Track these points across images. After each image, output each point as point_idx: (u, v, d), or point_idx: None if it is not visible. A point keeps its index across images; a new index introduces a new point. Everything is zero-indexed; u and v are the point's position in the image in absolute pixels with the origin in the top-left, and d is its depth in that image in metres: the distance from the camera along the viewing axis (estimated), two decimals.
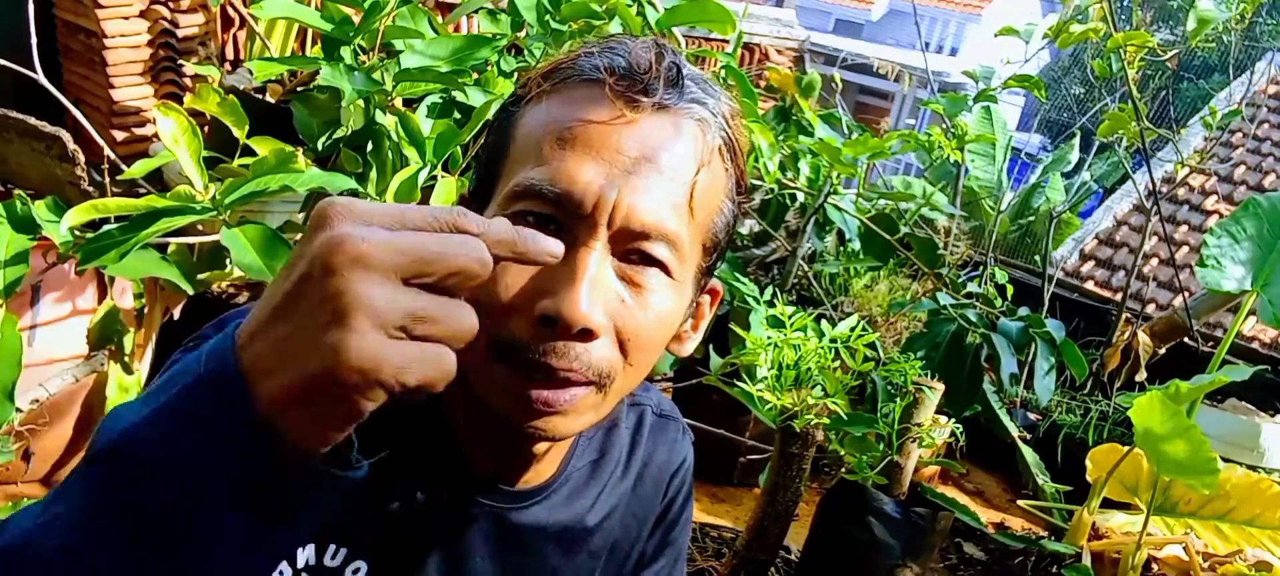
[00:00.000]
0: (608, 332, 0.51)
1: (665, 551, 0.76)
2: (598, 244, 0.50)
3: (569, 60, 0.54)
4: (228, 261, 1.53)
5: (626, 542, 0.71)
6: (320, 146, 1.61)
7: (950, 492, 2.40)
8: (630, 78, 0.52)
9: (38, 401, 1.64)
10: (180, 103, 2.04)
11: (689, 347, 0.59)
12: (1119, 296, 3.59)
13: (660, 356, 0.57)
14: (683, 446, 0.75)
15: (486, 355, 0.51)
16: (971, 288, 2.56)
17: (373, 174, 1.55)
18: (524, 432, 0.54)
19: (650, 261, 0.52)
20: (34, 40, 1.71)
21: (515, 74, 1.76)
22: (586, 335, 0.49)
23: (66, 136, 1.66)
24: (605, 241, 0.50)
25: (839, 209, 2.34)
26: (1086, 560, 2.04)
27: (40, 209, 1.36)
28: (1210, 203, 4.94)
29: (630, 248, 0.51)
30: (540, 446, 0.60)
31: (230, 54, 2.35)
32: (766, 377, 1.52)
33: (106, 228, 1.23)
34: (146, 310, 1.64)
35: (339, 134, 1.61)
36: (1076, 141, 4.84)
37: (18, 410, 1.57)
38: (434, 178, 1.44)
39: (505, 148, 0.54)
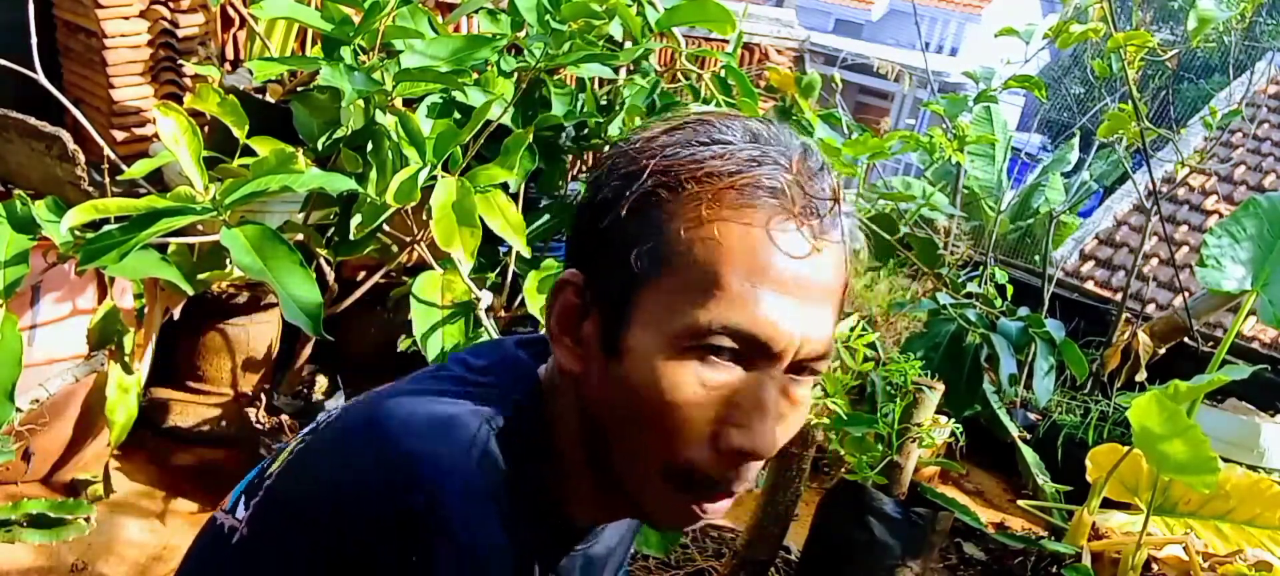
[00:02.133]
0: None
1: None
2: (779, 373, 0.51)
3: (740, 177, 0.50)
4: (228, 261, 1.53)
5: (621, 549, 0.74)
6: (320, 146, 1.61)
7: (950, 492, 2.40)
8: (811, 207, 0.51)
9: (38, 401, 1.64)
10: (180, 103, 2.04)
11: None
12: (1119, 296, 3.59)
13: None
14: None
15: (659, 479, 0.52)
16: (971, 288, 2.56)
17: (373, 174, 1.55)
18: (673, 530, 0.56)
19: (806, 371, 0.53)
20: (34, 40, 1.71)
21: (515, 74, 1.76)
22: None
23: (66, 136, 1.66)
24: (784, 369, 0.51)
25: None
26: (1086, 560, 2.04)
27: (40, 209, 1.36)
28: (1210, 203, 4.94)
29: (799, 365, 0.52)
30: None
31: (230, 54, 2.35)
32: None
33: (106, 228, 1.23)
34: (146, 310, 1.64)
35: (339, 134, 1.61)
36: (1076, 141, 4.84)
37: (18, 410, 1.57)
38: (434, 177, 1.44)
39: (664, 260, 0.50)
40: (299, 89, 1.85)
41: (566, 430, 0.57)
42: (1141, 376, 2.86)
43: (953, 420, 2.05)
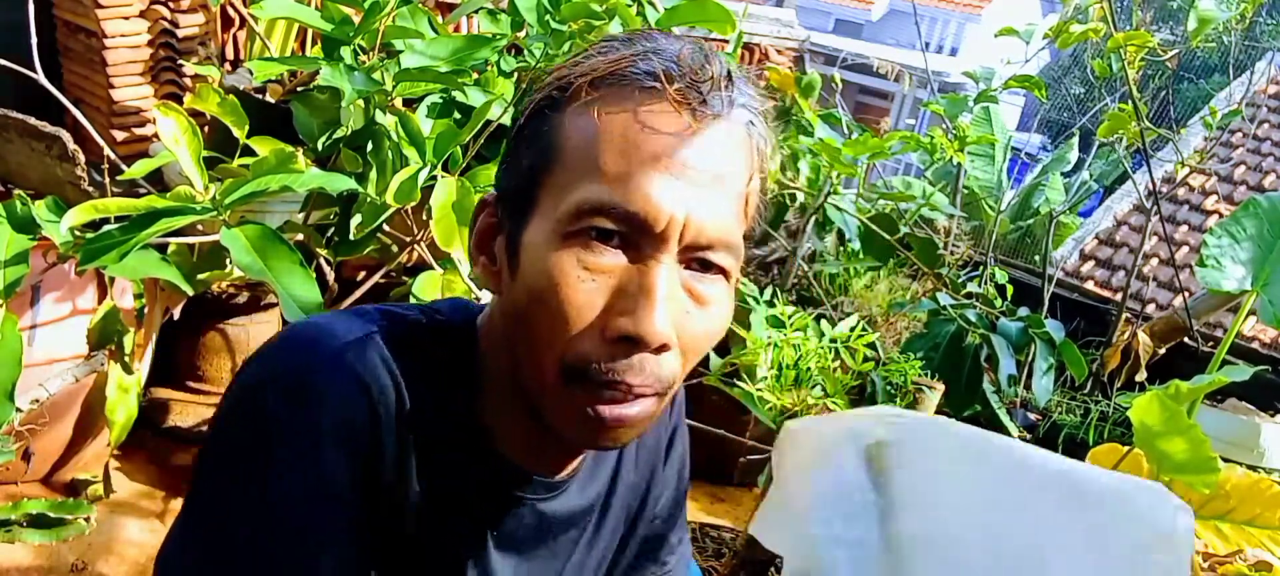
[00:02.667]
0: (676, 344, 0.51)
1: (677, 513, 0.78)
2: (668, 258, 0.50)
3: (620, 64, 0.52)
4: (228, 261, 1.53)
5: (637, 499, 0.72)
6: (320, 146, 1.61)
7: None
8: (690, 86, 0.50)
9: (38, 401, 1.64)
10: (180, 103, 2.04)
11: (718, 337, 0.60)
12: (1119, 296, 3.59)
13: None
14: (675, 411, 0.77)
15: (558, 379, 0.51)
16: (971, 288, 2.57)
17: (373, 174, 1.55)
18: (588, 447, 0.55)
19: (711, 268, 0.52)
20: (34, 40, 1.71)
21: (515, 74, 1.76)
22: (661, 349, 0.50)
23: (66, 136, 1.66)
24: (674, 254, 0.50)
25: (839, 209, 2.34)
26: None
27: (40, 209, 1.36)
28: (1210, 203, 4.94)
29: (694, 257, 0.51)
30: None
31: (230, 54, 2.35)
32: (766, 378, 1.52)
33: (106, 228, 1.23)
34: (146, 310, 1.64)
35: (339, 134, 1.61)
36: (1076, 141, 4.84)
37: (18, 410, 1.57)
38: (434, 178, 1.44)
39: (550, 156, 0.52)
40: (299, 89, 1.85)
41: (496, 361, 0.57)
42: (1141, 376, 2.86)
43: (952, 420, 2.04)
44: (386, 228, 1.66)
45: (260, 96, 1.90)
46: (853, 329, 1.60)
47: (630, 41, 0.53)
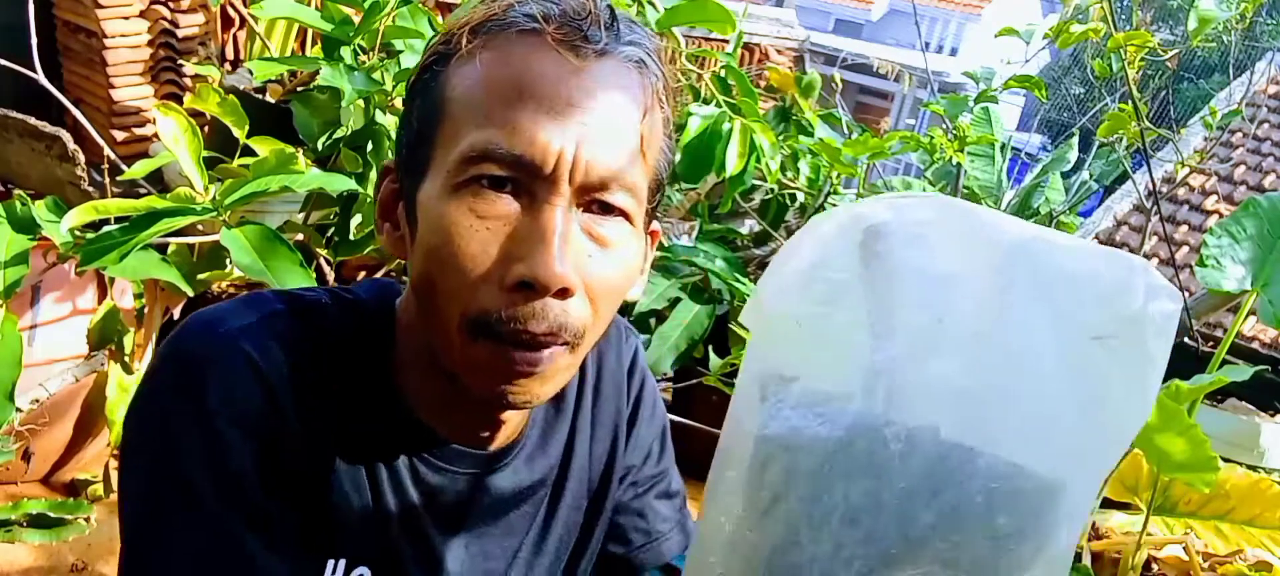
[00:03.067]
0: (581, 289, 0.50)
1: (664, 454, 0.76)
2: (561, 201, 0.48)
3: (499, 11, 0.51)
4: (228, 262, 1.53)
5: (599, 470, 0.70)
6: (320, 146, 1.61)
7: None
8: (568, 24, 0.49)
9: (38, 401, 1.64)
10: (180, 103, 2.04)
11: (639, 291, 0.58)
12: None
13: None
14: (630, 342, 0.74)
15: (461, 334, 0.50)
16: None
17: (372, 174, 1.55)
18: (502, 404, 0.54)
19: (611, 211, 0.51)
20: (34, 40, 1.71)
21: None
22: (563, 294, 0.49)
23: (66, 136, 1.66)
24: (568, 197, 0.49)
25: None
26: (1087, 560, 2.04)
27: (40, 209, 1.37)
28: (1210, 203, 4.94)
29: (592, 199, 0.50)
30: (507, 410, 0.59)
31: (230, 54, 2.35)
32: None
33: (107, 228, 1.23)
34: (146, 310, 1.64)
35: (339, 134, 1.61)
36: (1076, 141, 4.84)
37: (18, 410, 1.57)
38: None
39: (438, 111, 0.51)
40: (299, 89, 1.85)
41: (413, 331, 0.56)
42: None
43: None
44: None
45: (260, 96, 1.91)
46: None
47: None
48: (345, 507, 0.55)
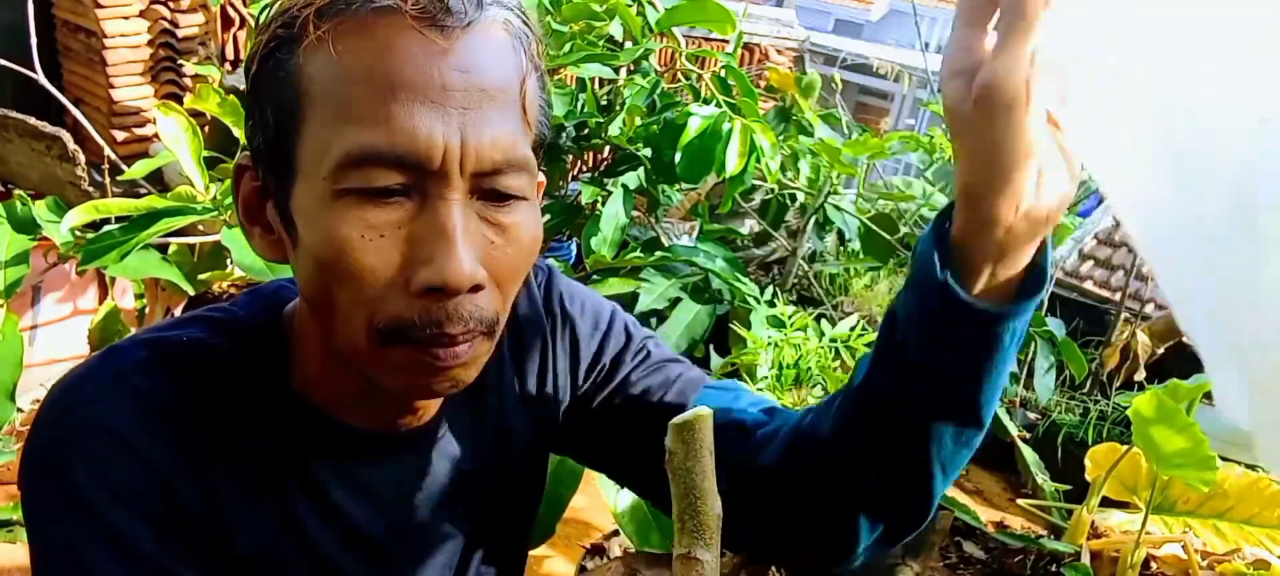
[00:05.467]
0: (488, 280, 0.48)
1: (632, 337, 0.70)
2: (456, 195, 0.45)
3: None
4: (228, 261, 1.53)
5: (551, 390, 0.66)
6: None
7: (950, 491, 2.40)
8: (439, 4, 0.45)
9: (38, 401, 1.64)
10: (180, 103, 2.04)
11: (536, 250, 0.54)
12: (1118, 296, 3.59)
13: None
14: (540, 275, 0.69)
15: (371, 342, 0.47)
16: None
17: None
18: (427, 396, 0.51)
19: (505, 194, 0.48)
20: (34, 40, 1.71)
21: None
22: (474, 289, 0.47)
23: (66, 136, 1.66)
24: (462, 189, 0.46)
25: (839, 209, 2.35)
26: (1085, 559, 2.05)
27: (41, 209, 1.37)
28: None
29: (485, 186, 0.47)
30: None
31: (230, 54, 2.35)
32: (767, 377, 1.52)
33: (107, 228, 1.23)
34: (147, 310, 1.64)
35: None
36: None
37: (19, 410, 1.57)
38: None
39: (295, 106, 0.46)
40: None
41: (310, 335, 0.53)
42: (1140, 376, 2.86)
43: None
44: None
45: None
46: (853, 329, 1.60)
47: None
48: (257, 538, 0.52)
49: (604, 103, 1.97)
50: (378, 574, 0.58)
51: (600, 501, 1.22)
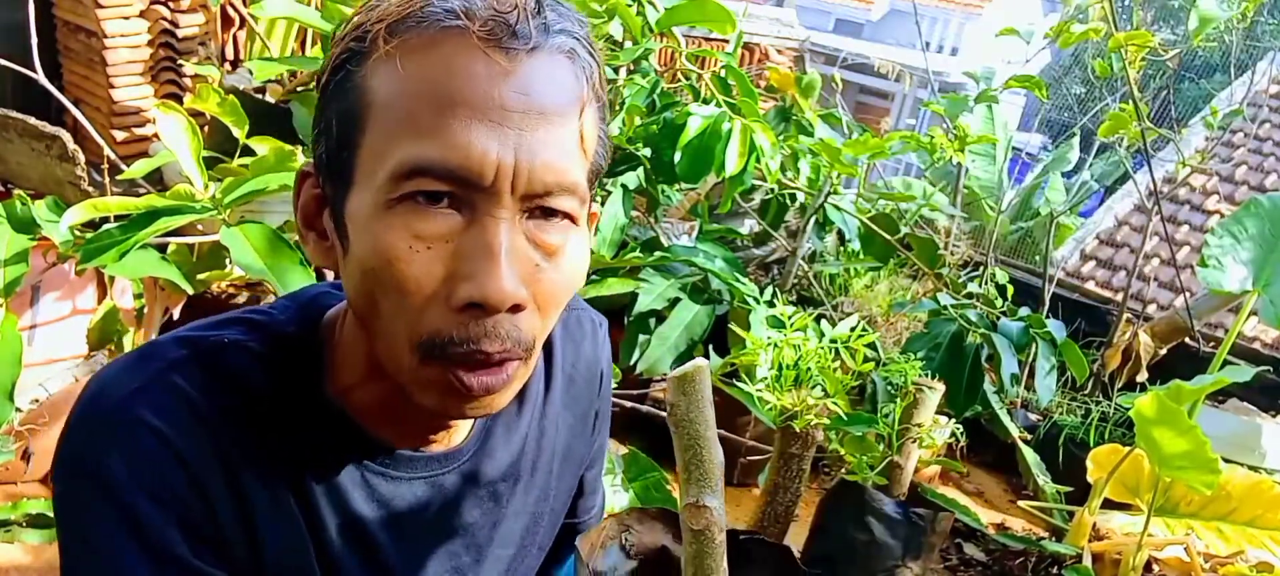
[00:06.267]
0: (530, 301, 0.48)
1: (599, 453, 0.75)
2: (504, 213, 0.46)
3: (416, 7, 0.46)
4: (227, 261, 1.53)
5: (580, 445, 0.70)
6: None
7: (951, 493, 2.40)
8: (495, 20, 0.45)
9: (38, 401, 1.64)
10: (180, 103, 2.04)
11: (581, 281, 0.55)
12: (1120, 297, 3.59)
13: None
14: (603, 335, 0.72)
15: (412, 356, 0.47)
16: (972, 288, 2.56)
17: None
18: (459, 417, 0.52)
19: (554, 214, 0.48)
20: (34, 40, 1.71)
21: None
22: (514, 309, 0.47)
23: (66, 136, 1.66)
24: (511, 208, 0.46)
25: (839, 209, 2.34)
26: (1087, 561, 2.04)
27: (40, 209, 1.37)
28: (1211, 203, 4.93)
29: (535, 205, 0.47)
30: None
31: (230, 54, 2.35)
32: (766, 377, 1.52)
33: (106, 227, 1.23)
34: (146, 309, 1.64)
35: None
36: (1076, 141, 4.83)
37: (18, 410, 1.57)
38: None
39: (359, 117, 0.47)
40: (299, 89, 1.85)
41: (352, 343, 0.54)
42: (1142, 377, 2.85)
43: (953, 420, 2.04)
44: None
45: (260, 96, 1.91)
46: (853, 329, 1.60)
47: None
48: (281, 543, 0.53)
49: None
50: None
51: None
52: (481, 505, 0.61)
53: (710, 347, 1.88)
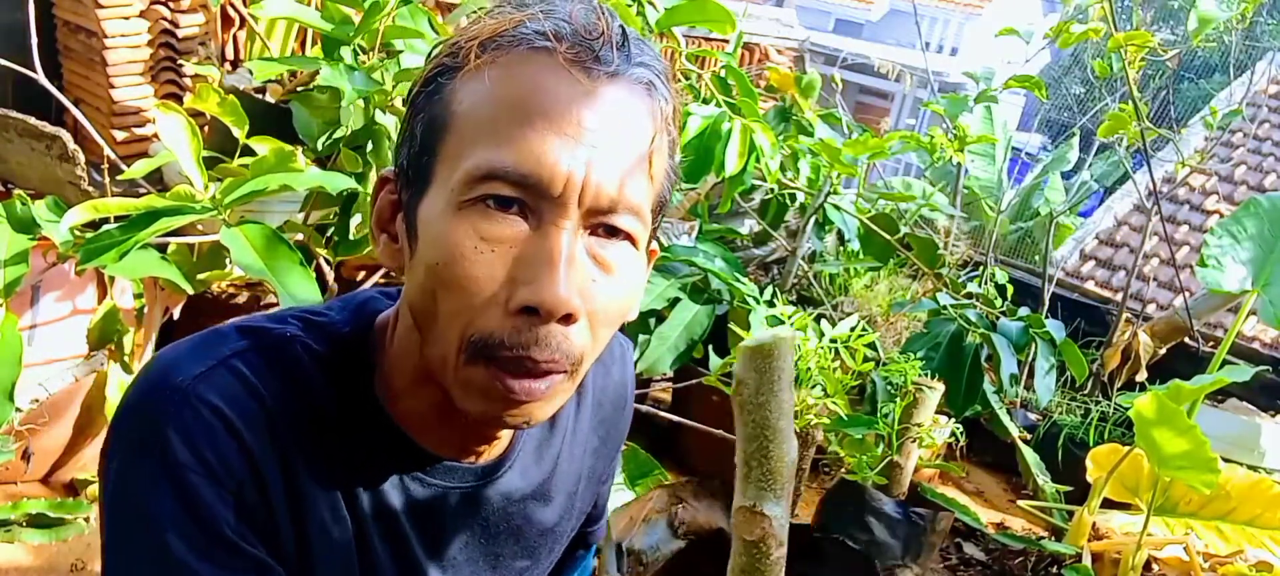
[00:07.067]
0: (583, 315, 0.49)
1: (613, 468, 0.77)
2: (569, 224, 0.48)
3: (509, 26, 0.49)
4: (228, 261, 1.53)
5: (601, 465, 0.72)
6: (320, 146, 1.61)
7: (950, 492, 2.40)
8: (581, 44, 0.48)
9: (38, 401, 1.64)
10: (180, 103, 2.04)
11: (635, 312, 0.56)
12: (1119, 296, 3.59)
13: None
14: (629, 358, 0.74)
15: (459, 354, 0.49)
16: (971, 288, 2.56)
17: (372, 174, 1.55)
18: (499, 425, 0.53)
19: (617, 234, 0.50)
20: (34, 40, 1.71)
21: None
22: (567, 320, 0.48)
23: (66, 136, 1.65)
24: (576, 220, 0.48)
25: (839, 209, 2.34)
26: (1087, 560, 2.04)
27: (40, 209, 1.37)
28: (1211, 203, 4.94)
29: (598, 222, 0.49)
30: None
31: (230, 54, 2.35)
32: None
33: (106, 227, 1.23)
34: (146, 310, 1.64)
35: (339, 134, 1.61)
36: (1076, 141, 4.84)
37: (18, 410, 1.57)
38: None
39: (444, 125, 0.50)
40: (299, 89, 1.85)
41: (406, 344, 0.55)
42: (1142, 376, 2.86)
43: (953, 420, 2.05)
44: None
45: (260, 96, 1.91)
46: (853, 329, 1.60)
47: (522, 4, 0.51)
48: (326, 539, 0.54)
49: None
50: None
51: None
52: (510, 520, 0.63)
53: (710, 347, 1.88)
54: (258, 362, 0.52)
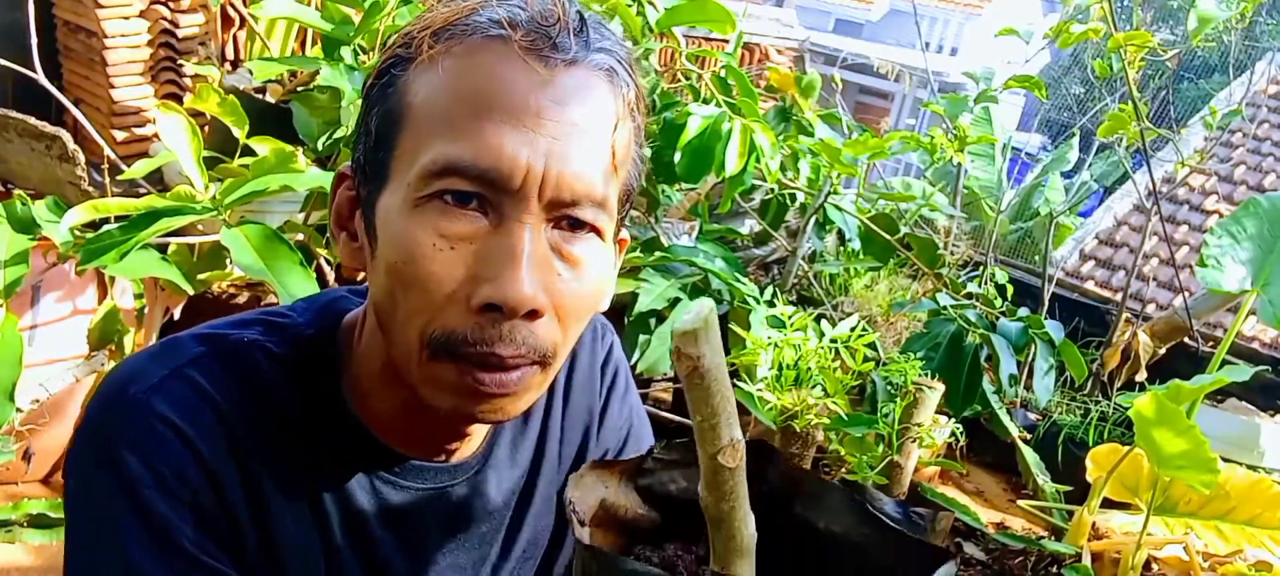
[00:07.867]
0: (549, 310, 0.48)
1: (644, 437, 0.75)
2: (530, 218, 0.46)
3: (463, 14, 0.48)
4: (228, 261, 1.53)
5: (576, 454, 0.69)
6: (320, 146, 1.61)
7: (950, 492, 2.40)
8: (537, 31, 0.47)
9: (38, 401, 1.64)
10: (180, 103, 2.04)
11: (607, 302, 0.55)
12: (1119, 296, 3.59)
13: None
14: (606, 340, 0.72)
15: (423, 353, 0.48)
16: (971, 288, 2.56)
17: None
18: (471, 420, 0.52)
19: (581, 227, 0.49)
20: (34, 40, 1.71)
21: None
22: (531, 316, 0.47)
23: (66, 136, 1.66)
24: (537, 214, 0.47)
25: (839, 209, 2.34)
26: (1087, 560, 2.04)
27: (40, 209, 1.37)
28: (1210, 203, 4.94)
29: (562, 215, 0.48)
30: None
31: (230, 54, 2.35)
32: (766, 377, 1.52)
33: (106, 228, 1.23)
34: (146, 310, 1.64)
35: (339, 134, 1.61)
36: (1076, 141, 4.84)
37: (18, 410, 1.57)
38: None
39: (399, 118, 0.48)
40: (299, 89, 1.85)
41: (372, 343, 0.54)
42: (1141, 376, 2.86)
43: (953, 420, 2.05)
44: None
45: (260, 96, 1.91)
46: (853, 329, 1.60)
47: None
48: (292, 542, 0.53)
49: None
50: None
51: None
52: (489, 518, 0.62)
53: None
54: (213, 369, 0.51)
